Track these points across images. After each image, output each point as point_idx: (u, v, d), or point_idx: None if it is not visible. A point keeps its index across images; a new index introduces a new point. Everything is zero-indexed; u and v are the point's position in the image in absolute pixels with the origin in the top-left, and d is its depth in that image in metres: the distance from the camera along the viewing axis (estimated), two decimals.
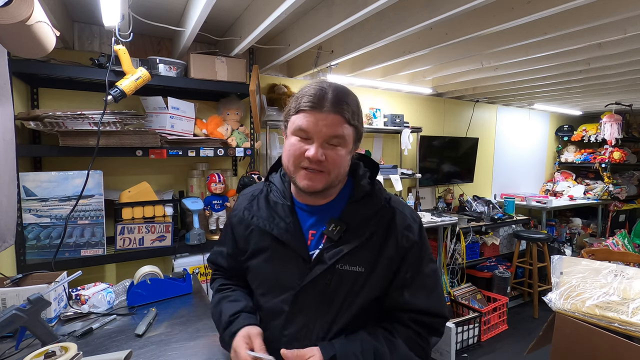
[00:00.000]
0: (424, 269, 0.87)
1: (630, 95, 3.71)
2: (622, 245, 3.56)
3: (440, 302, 0.88)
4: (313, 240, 0.86)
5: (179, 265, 1.97)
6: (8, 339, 1.12)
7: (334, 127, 0.78)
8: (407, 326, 0.84)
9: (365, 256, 0.82)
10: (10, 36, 1.05)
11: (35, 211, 1.66)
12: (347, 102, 0.79)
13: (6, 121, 1.36)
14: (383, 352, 0.80)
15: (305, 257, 0.84)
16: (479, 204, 3.78)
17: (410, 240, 0.85)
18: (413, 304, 0.84)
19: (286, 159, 0.83)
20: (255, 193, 0.96)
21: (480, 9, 1.63)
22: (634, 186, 4.90)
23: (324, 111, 0.77)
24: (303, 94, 0.80)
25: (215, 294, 1.00)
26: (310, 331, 0.83)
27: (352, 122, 0.80)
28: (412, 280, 0.85)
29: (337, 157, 0.80)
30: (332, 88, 0.80)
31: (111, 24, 1.51)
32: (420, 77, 2.98)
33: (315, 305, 0.83)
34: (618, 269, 1.49)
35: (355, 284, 0.82)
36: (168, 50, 2.25)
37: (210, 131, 2.12)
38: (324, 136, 0.78)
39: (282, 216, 0.88)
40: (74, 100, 2.02)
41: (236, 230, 0.96)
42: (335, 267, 0.81)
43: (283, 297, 0.85)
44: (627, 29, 1.75)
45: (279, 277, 0.86)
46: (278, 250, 0.87)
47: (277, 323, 0.86)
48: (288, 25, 2.02)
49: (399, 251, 0.84)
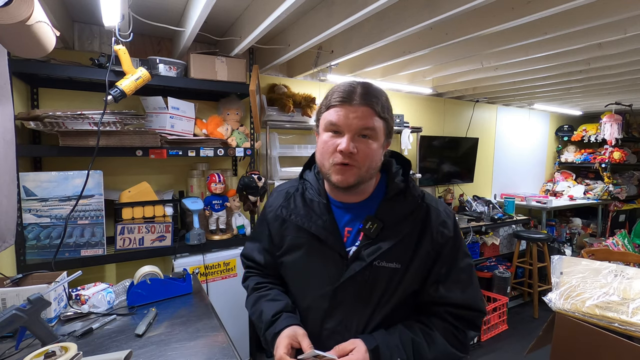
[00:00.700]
0: (459, 264, 0.88)
1: (630, 95, 3.70)
2: (622, 245, 3.56)
3: (476, 296, 0.88)
4: (349, 237, 0.88)
5: (179, 265, 1.97)
6: (8, 339, 1.11)
7: (365, 119, 0.79)
8: (444, 319, 0.86)
9: (401, 253, 0.84)
10: (10, 36, 1.05)
11: (35, 211, 1.66)
12: (376, 96, 0.81)
13: (6, 121, 1.36)
14: (420, 343, 0.82)
15: (343, 254, 0.86)
16: (479, 204, 3.78)
17: (445, 236, 0.86)
18: (449, 298, 0.86)
19: (319, 155, 0.86)
20: (291, 191, 0.98)
21: (480, 9, 1.63)
22: (634, 186, 4.89)
23: (353, 104, 0.79)
24: (333, 91, 0.83)
25: (251, 293, 1.01)
26: (349, 325, 0.85)
27: (382, 115, 0.81)
28: (447, 275, 0.86)
29: (368, 149, 0.81)
30: (361, 84, 0.82)
31: (111, 24, 1.51)
32: (420, 77, 2.98)
33: (354, 300, 0.85)
34: (618, 269, 1.49)
35: (392, 280, 0.84)
36: (168, 50, 2.25)
37: (210, 131, 2.12)
38: (354, 129, 0.79)
39: (318, 213, 0.89)
40: (74, 100, 2.02)
41: (272, 227, 0.98)
42: (372, 264, 0.83)
43: (321, 293, 0.87)
44: (627, 29, 1.75)
45: (316, 273, 0.89)
46: (315, 247, 0.89)
47: (316, 318, 0.88)
48: (288, 25, 2.02)
49: (434, 247, 0.85)
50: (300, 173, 1.00)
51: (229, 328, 1.30)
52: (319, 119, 0.86)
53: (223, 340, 1.14)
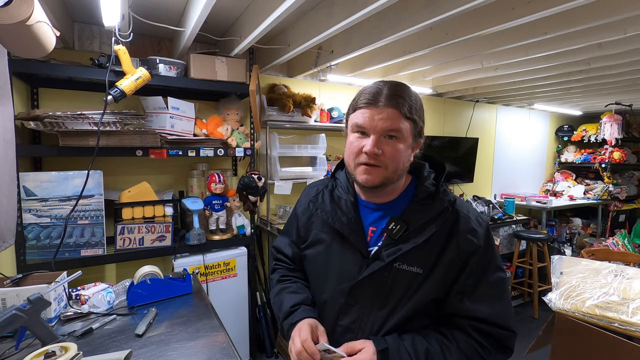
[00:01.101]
0: (489, 277, 0.83)
1: (630, 95, 3.70)
2: (622, 245, 3.56)
3: (505, 313, 0.82)
4: (373, 237, 0.88)
5: (179, 265, 1.97)
6: (8, 339, 1.11)
7: (390, 120, 0.79)
8: (467, 334, 0.81)
9: (424, 257, 0.82)
10: (10, 36, 1.05)
11: (35, 211, 1.66)
12: (403, 97, 0.80)
13: (6, 121, 1.36)
14: (436, 354, 0.78)
15: (364, 253, 0.85)
16: (479, 204, 3.77)
17: (474, 245, 0.82)
18: (474, 311, 0.81)
19: (347, 156, 0.87)
20: (321, 187, 0.99)
21: (480, 9, 1.63)
22: (634, 186, 4.89)
23: (379, 106, 0.79)
24: (361, 92, 0.83)
25: (275, 285, 1.03)
26: (364, 324, 0.85)
27: (409, 116, 0.80)
28: (474, 287, 0.82)
29: (394, 151, 0.80)
30: (388, 84, 0.82)
31: (111, 24, 1.51)
32: (420, 77, 2.98)
33: (371, 300, 0.84)
34: (618, 269, 1.49)
35: (412, 285, 0.82)
36: (168, 50, 2.25)
37: (210, 131, 2.12)
38: (379, 130, 0.79)
39: (344, 211, 0.90)
40: (74, 100, 2.02)
41: (300, 220, 1.00)
42: (392, 265, 0.82)
43: (339, 288, 0.87)
44: (627, 29, 1.75)
45: (336, 269, 0.89)
46: (337, 243, 0.89)
47: (332, 313, 0.88)
48: (288, 25, 2.02)
49: (460, 255, 0.81)
50: (332, 172, 1.02)
51: (229, 328, 1.31)
52: (347, 120, 0.87)
53: (223, 340, 1.14)
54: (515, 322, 0.83)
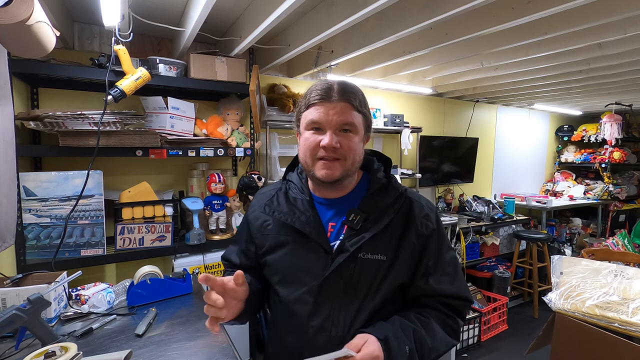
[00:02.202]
0: (445, 257, 0.91)
1: (630, 95, 3.70)
2: (622, 245, 3.56)
3: (463, 286, 0.92)
4: (333, 232, 0.90)
5: (179, 265, 1.97)
6: (8, 339, 1.12)
7: (344, 114, 0.83)
8: (437, 309, 0.89)
9: (386, 245, 0.86)
10: (10, 36, 1.05)
11: (35, 211, 1.66)
12: (353, 92, 0.85)
13: (6, 121, 1.36)
14: (421, 332, 0.83)
15: (327, 248, 0.87)
16: (479, 204, 3.78)
17: (430, 229, 0.89)
18: (439, 289, 0.88)
19: (302, 153, 0.88)
20: (274, 191, 1.00)
21: (480, 9, 1.63)
22: (634, 186, 4.89)
23: (332, 101, 0.83)
24: (311, 90, 0.86)
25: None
26: (336, 320, 0.85)
27: (360, 110, 0.85)
28: (434, 268, 0.89)
29: (350, 143, 0.84)
30: (337, 81, 0.86)
31: (111, 24, 1.51)
32: (420, 77, 2.98)
33: (340, 295, 0.85)
34: (618, 269, 1.49)
35: (378, 273, 0.85)
36: (168, 50, 2.25)
37: (210, 131, 2.12)
38: (335, 124, 0.83)
39: (302, 210, 0.91)
40: (74, 100, 2.02)
41: (252, 227, 0.99)
42: (357, 256, 0.84)
43: (307, 289, 0.87)
44: (627, 29, 1.75)
45: (302, 269, 0.89)
46: (299, 243, 0.90)
47: (303, 315, 0.88)
48: (288, 25, 2.02)
49: (419, 239, 0.88)
50: (283, 175, 1.03)
51: (229, 328, 1.30)
52: (299, 118, 0.89)
53: (223, 340, 1.14)
54: (469, 292, 0.95)
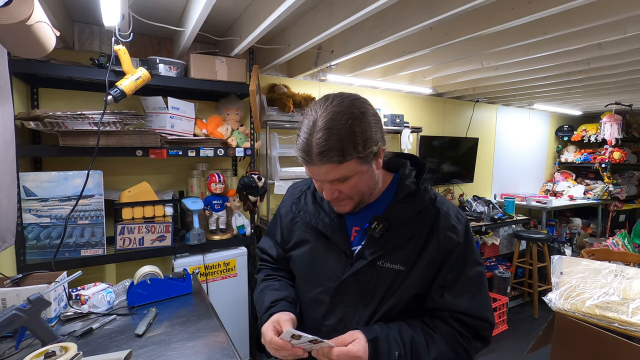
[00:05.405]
0: (468, 272, 0.85)
1: (630, 95, 3.70)
2: (622, 245, 3.56)
3: (483, 306, 0.85)
4: (356, 237, 0.89)
5: (179, 265, 1.97)
6: (8, 339, 1.11)
7: (330, 173, 0.77)
8: (448, 324, 0.84)
9: (405, 255, 0.83)
10: (10, 36, 1.05)
11: (35, 211, 1.66)
12: (334, 147, 0.72)
13: (6, 121, 1.36)
14: (420, 342, 0.81)
15: (348, 252, 0.87)
16: (479, 204, 3.78)
17: (454, 242, 0.84)
18: (454, 305, 0.83)
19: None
20: (304, 188, 1.00)
21: (480, 9, 1.64)
22: (634, 186, 4.89)
23: (315, 164, 0.76)
24: (297, 140, 0.79)
25: (260, 283, 1.03)
26: (349, 322, 0.86)
27: (349, 159, 0.74)
28: (453, 282, 0.84)
29: (351, 187, 0.81)
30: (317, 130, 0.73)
31: (111, 24, 1.51)
32: (420, 77, 2.98)
33: (355, 298, 0.85)
34: (618, 269, 1.49)
35: (395, 282, 0.83)
36: (168, 50, 2.25)
37: (210, 131, 2.12)
38: (327, 181, 0.81)
39: (327, 212, 0.91)
40: (74, 100, 2.02)
41: (283, 222, 1.02)
42: (376, 264, 0.83)
43: (324, 289, 0.88)
44: (627, 29, 1.75)
45: (321, 269, 0.90)
46: (321, 244, 0.90)
47: (318, 314, 0.89)
48: (288, 25, 2.02)
49: (440, 252, 0.83)
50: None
51: (229, 328, 1.31)
52: None
53: (223, 340, 1.14)
54: (492, 314, 0.87)
